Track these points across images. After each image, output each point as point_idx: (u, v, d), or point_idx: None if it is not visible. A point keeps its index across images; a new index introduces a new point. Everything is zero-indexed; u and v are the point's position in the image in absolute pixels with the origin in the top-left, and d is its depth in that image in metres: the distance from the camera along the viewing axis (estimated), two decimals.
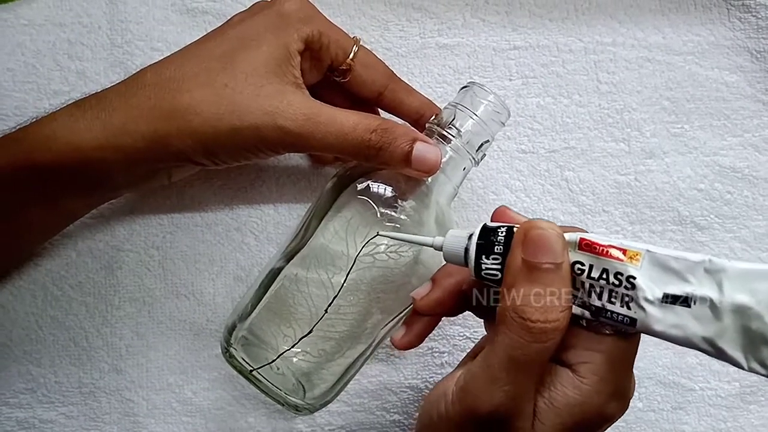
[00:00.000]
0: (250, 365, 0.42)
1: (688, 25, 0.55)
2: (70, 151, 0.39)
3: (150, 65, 0.42)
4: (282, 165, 0.51)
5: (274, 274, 0.44)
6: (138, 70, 0.42)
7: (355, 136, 0.41)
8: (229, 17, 0.44)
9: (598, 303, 0.33)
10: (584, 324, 0.34)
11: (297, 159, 0.52)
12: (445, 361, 0.50)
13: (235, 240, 0.51)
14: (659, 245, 0.52)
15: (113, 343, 0.49)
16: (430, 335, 0.49)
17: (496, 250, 0.34)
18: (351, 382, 0.46)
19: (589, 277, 0.33)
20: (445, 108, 0.45)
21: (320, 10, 0.45)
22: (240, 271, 0.50)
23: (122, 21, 0.52)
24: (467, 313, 0.50)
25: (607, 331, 0.34)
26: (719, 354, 0.31)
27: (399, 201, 0.43)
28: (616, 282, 0.32)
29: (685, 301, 0.31)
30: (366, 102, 0.47)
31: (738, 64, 0.55)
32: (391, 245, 0.42)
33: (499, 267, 0.35)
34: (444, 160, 0.43)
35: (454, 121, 0.44)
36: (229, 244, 0.51)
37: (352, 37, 0.45)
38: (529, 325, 0.32)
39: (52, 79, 0.51)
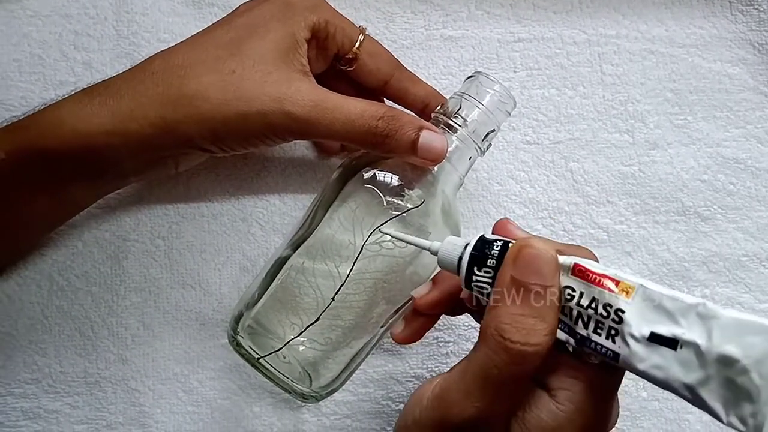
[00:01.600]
0: (257, 353, 0.43)
1: (690, 18, 0.56)
2: (77, 137, 0.39)
3: (158, 53, 0.42)
4: (288, 156, 0.52)
5: (280, 263, 0.44)
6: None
7: (362, 123, 0.41)
8: (234, 8, 0.45)
9: (583, 332, 0.32)
10: (571, 350, 0.34)
11: (303, 150, 0.52)
12: (451, 351, 0.51)
13: (241, 230, 0.51)
14: (663, 236, 0.52)
15: (119, 333, 0.49)
16: (436, 325, 0.49)
17: (488, 264, 0.34)
18: (357, 371, 0.46)
19: (578, 304, 0.32)
20: (451, 98, 0.45)
21: (327, 2, 0.45)
22: (246, 262, 0.51)
23: (128, 12, 0.52)
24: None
25: (594, 361, 0.33)
26: (698, 402, 0.29)
27: (405, 190, 0.43)
28: (604, 313, 0.31)
29: (671, 343, 0.30)
30: (372, 91, 0.47)
31: (740, 57, 0.55)
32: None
33: (489, 281, 0.34)
34: (450, 149, 0.43)
35: (460, 111, 0.44)
36: (235, 234, 0.51)
37: (357, 26, 0.46)
38: (508, 346, 0.31)
39: (58, 69, 0.51)
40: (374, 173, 0.43)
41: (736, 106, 0.55)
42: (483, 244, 0.35)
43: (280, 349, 0.42)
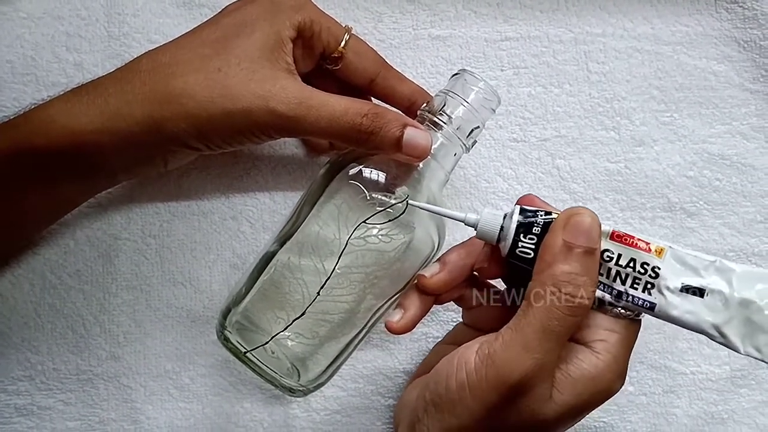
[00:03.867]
0: (244, 347, 0.43)
1: (676, 16, 0.56)
2: (66, 135, 0.39)
3: (146, 52, 0.42)
4: (277, 154, 0.52)
5: (267, 259, 0.44)
6: None
7: (347, 120, 0.41)
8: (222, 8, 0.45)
9: (621, 287, 0.37)
10: (594, 306, 0.38)
11: (292, 148, 0.52)
12: None
13: (231, 228, 0.51)
14: (649, 231, 0.53)
15: (111, 330, 0.50)
16: (424, 321, 0.50)
17: (533, 231, 0.38)
18: (346, 367, 0.46)
19: (617, 264, 0.37)
20: (436, 95, 0.46)
21: (314, 2, 0.46)
22: (236, 259, 0.51)
23: (120, 14, 0.53)
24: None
25: (623, 314, 0.38)
26: (723, 338, 0.36)
27: (390, 186, 0.43)
28: (642, 270, 0.37)
29: (700, 292, 0.36)
30: (358, 90, 0.48)
31: (725, 54, 0.56)
32: (383, 228, 0.43)
33: (533, 247, 0.38)
34: (435, 146, 0.44)
35: (445, 108, 0.44)
36: (225, 232, 0.51)
37: (344, 26, 0.46)
38: (567, 299, 0.35)
39: (51, 71, 0.52)
40: (359, 169, 0.43)
41: (722, 103, 0.55)
42: (527, 213, 0.38)
43: (266, 343, 0.42)
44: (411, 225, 0.43)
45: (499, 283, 0.45)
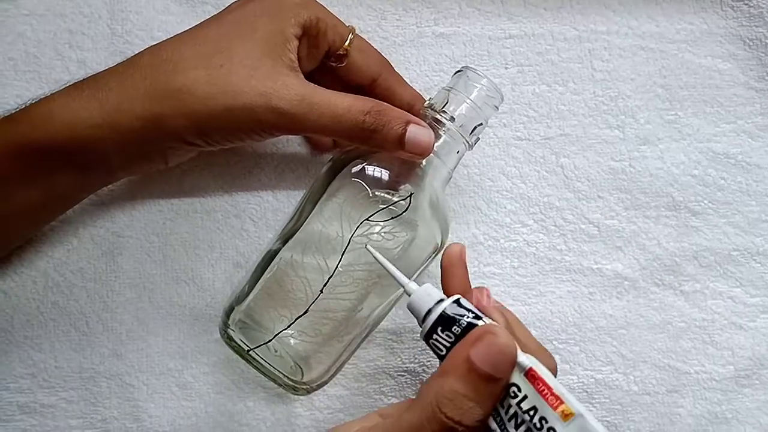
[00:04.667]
0: (247, 345, 0.43)
1: (681, 14, 0.56)
2: (66, 129, 0.39)
3: (147, 48, 0.42)
4: (281, 152, 0.52)
5: (270, 257, 0.44)
6: None
7: (349, 118, 0.41)
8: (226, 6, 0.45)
9: (512, 431, 0.34)
10: None
11: (295, 146, 0.52)
12: None
13: (234, 226, 0.51)
14: (654, 230, 0.53)
15: (113, 328, 0.50)
16: None
17: (453, 330, 0.36)
18: (349, 365, 0.46)
19: (518, 405, 0.33)
20: (438, 92, 0.46)
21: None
22: (239, 257, 0.51)
23: (122, 11, 0.53)
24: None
25: None
26: None
27: (393, 184, 0.43)
28: (538, 425, 0.33)
29: None
30: (360, 89, 0.48)
31: (731, 52, 0.56)
32: (386, 226, 0.42)
33: (448, 345, 0.36)
34: (438, 143, 0.44)
35: (447, 105, 0.44)
36: (228, 230, 0.51)
37: (347, 25, 0.46)
38: (442, 420, 0.33)
39: (53, 68, 0.52)
40: (362, 167, 0.43)
41: (727, 102, 0.55)
42: (457, 308, 0.36)
43: (269, 341, 0.42)
44: (414, 223, 0.43)
45: None
